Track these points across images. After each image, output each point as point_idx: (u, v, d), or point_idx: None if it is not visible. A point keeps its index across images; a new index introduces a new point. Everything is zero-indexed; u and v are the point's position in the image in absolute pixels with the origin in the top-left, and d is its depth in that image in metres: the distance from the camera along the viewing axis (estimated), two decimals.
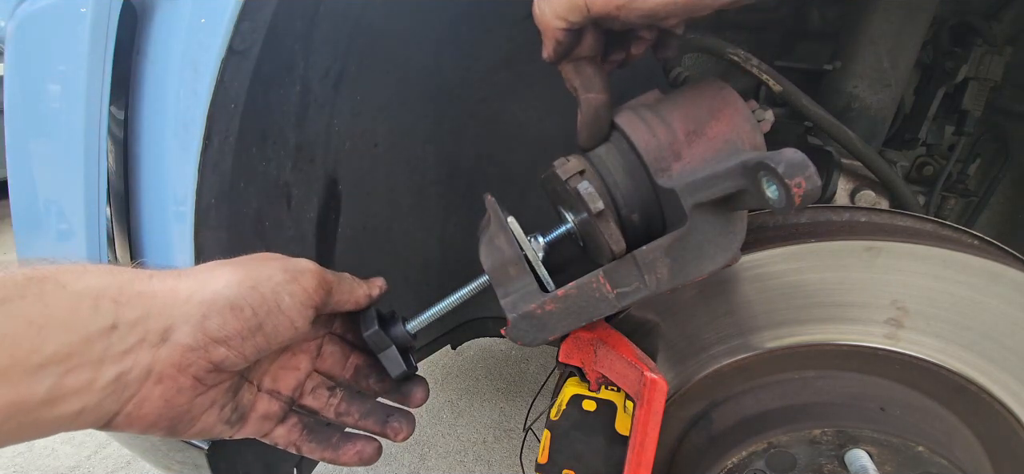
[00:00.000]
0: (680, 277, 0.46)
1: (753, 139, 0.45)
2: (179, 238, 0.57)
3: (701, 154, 0.45)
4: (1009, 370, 0.57)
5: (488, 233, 0.50)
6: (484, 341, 2.26)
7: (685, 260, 0.45)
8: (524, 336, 0.48)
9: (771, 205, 0.35)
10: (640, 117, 0.47)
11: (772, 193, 0.35)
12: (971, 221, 1.02)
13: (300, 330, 0.50)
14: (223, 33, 0.49)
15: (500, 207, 0.53)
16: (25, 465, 1.71)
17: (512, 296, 0.48)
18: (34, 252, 0.73)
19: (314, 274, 0.50)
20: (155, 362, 0.43)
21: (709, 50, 0.72)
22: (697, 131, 0.45)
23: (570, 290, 0.47)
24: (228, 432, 0.52)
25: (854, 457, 0.54)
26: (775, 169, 0.34)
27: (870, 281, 0.56)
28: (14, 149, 0.70)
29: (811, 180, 0.33)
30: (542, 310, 0.47)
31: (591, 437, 0.57)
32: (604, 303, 0.47)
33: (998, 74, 0.88)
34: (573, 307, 0.47)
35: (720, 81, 0.47)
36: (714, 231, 0.44)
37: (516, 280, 0.48)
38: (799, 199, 0.33)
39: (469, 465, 1.76)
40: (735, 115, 0.45)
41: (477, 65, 0.88)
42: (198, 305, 0.44)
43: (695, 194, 0.42)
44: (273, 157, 0.64)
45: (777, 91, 0.70)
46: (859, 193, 0.80)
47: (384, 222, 0.92)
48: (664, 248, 0.45)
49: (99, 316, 0.40)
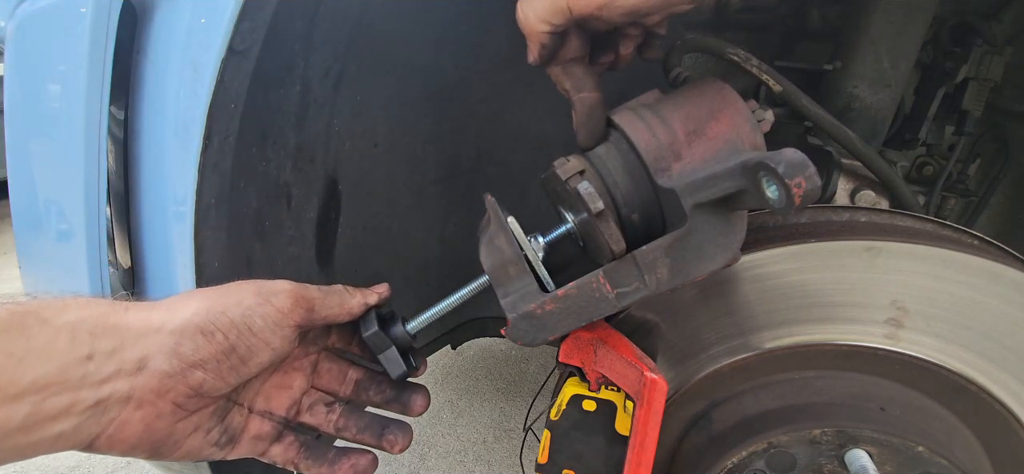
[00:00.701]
0: (680, 277, 0.46)
1: (753, 139, 0.45)
2: (179, 238, 0.57)
3: (701, 154, 0.45)
4: (1009, 370, 0.57)
5: (488, 233, 0.50)
6: (484, 341, 2.26)
7: (685, 260, 0.45)
8: (524, 336, 0.48)
9: (771, 205, 0.36)
10: (640, 117, 0.47)
11: (772, 193, 0.35)
12: (971, 221, 1.02)
13: (278, 350, 0.50)
14: (223, 33, 0.49)
15: (500, 207, 0.53)
16: (25, 465, 1.71)
17: (512, 296, 0.48)
18: (34, 252, 0.73)
19: (289, 294, 0.50)
20: (133, 389, 0.44)
21: (709, 50, 0.71)
22: (697, 131, 0.45)
23: (570, 290, 0.47)
24: (219, 454, 0.52)
25: (854, 457, 0.54)
26: (775, 169, 0.34)
27: (870, 281, 0.56)
28: (14, 149, 0.70)
29: (811, 180, 0.33)
30: (542, 310, 0.47)
31: (591, 437, 0.57)
32: (604, 303, 0.47)
33: (998, 74, 0.88)
34: (573, 307, 0.47)
35: (720, 81, 0.47)
36: (714, 231, 0.44)
37: (516, 280, 0.48)
38: (799, 199, 0.33)
39: (469, 465, 1.76)
40: (735, 115, 0.45)
41: (477, 65, 0.88)
42: (170, 333, 0.45)
43: (695, 194, 0.42)
44: (273, 157, 0.64)
45: (777, 91, 0.70)
46: (859, 193, 0.80)
47: (384, 222, 0.92)
48: (664, 248, 0.45)
49: (76, 346, 0.42)
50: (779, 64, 0.92)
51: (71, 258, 0.63)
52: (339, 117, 0.73)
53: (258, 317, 0.48)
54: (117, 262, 0.64)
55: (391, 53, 0.76)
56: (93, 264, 0.62)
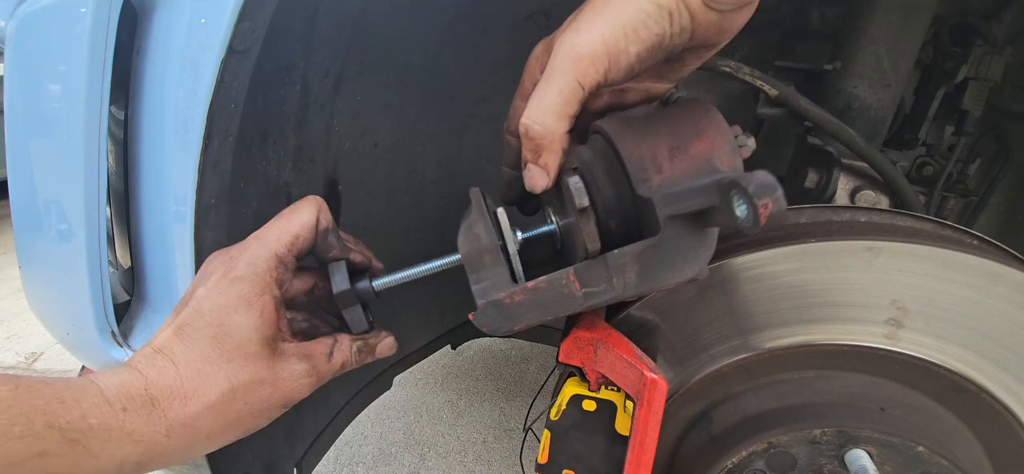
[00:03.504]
0: (647, 284, 0.47)
1: (732, 162, 0.47)
2: (179, 238, 0.57)
3: (681, 169, 0.46)
4: (1009, 370, 0.57)
5: (468, 221, 0.52)
6: (484, 341, 2.26)
7: (653, 268, 0.47)
8: (490, 323, 0.49)
9: (739, 223, 0.37)
10: (629, 128, 0.48)
11: (741, 212, 0.37)
12: (971, 221, 1.02)
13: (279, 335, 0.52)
14: (223, 33, 0.49)
15: (487, 200, 0.54)
16: None
17: (484, 283, 0.49)
18: (34, 252, 0.73)
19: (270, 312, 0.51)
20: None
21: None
22: (680, 147, 0.47)
23: (540, 283, 0.48)
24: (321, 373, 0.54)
25: (854, 457, 0.54)
26: (745, 188, 0.36)
27: (870, 281, 0.56)
28: (14, 149, 0.70)
29: (778, 202, 0.35)
30: (511, 300, 0.48)
31: (591, 437, 0.57)
32: (571, 300, 0.48)
33: (998, 74, 0.88)
34: (541, 300, 0.48)
35: (709, 104, 0.49)
36: (685, 244, 0.46)
37: (489, 268, 0.49)
38: (765, 218, 0.35)
39: (469, 465, 1.76)
40: (718, 137, 0.47)
41: (477, 65, 0.88)
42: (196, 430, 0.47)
43: (670, 206, 0.44)
44: (273, 157, 0.64)
45: (773, 96, 0.71)
46: (859, 193, 0.80)
47: (384, 222, 0.92)
48: (635, 254, 0.46)
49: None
50: (779, 64, 0.92)
51: (71, 258, 0.63)
52: (339, 117, 0.73)
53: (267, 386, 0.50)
54: (117, 262, 0.64)
55: (391, 53, 0.76)
56: (93, 264, 0.62)
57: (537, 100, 0.44)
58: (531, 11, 0.85)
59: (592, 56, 0.41)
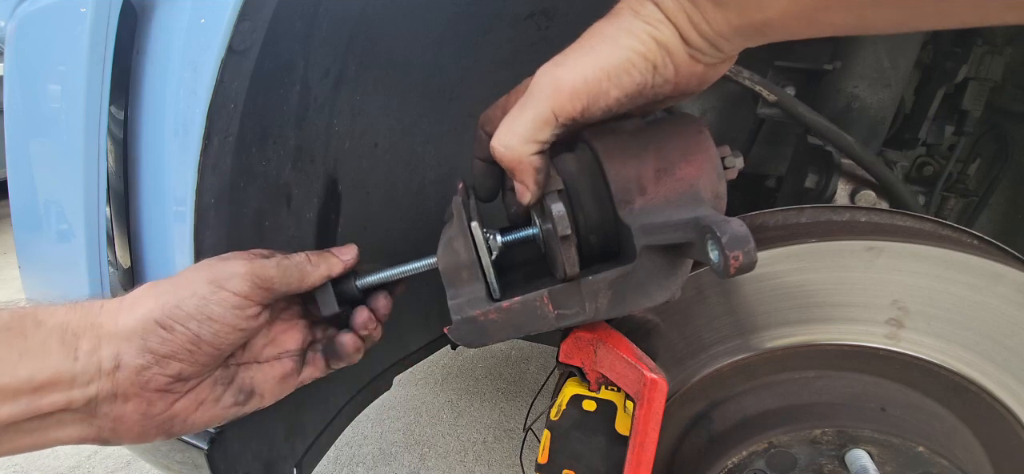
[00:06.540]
0: (618, 309, 0.49)
1: (717, 187, 0.47)
2: (179, 238, 0.56)
3: (664, 193, 0.47)
4: (1009, 370, 0.57)
5: (449, 234, 0.52)
6: None
7: (626, 294, 0.48)
8: (464, 338, 0.50)
9: (710, 265, 0.38)
10: (618, 144, 0.48)
11: (714, 256, 0.38)
12: (971, 221, 1.02)
13: (247, 329, 0.51)
14: (223, 33, 0.49)
15: (466, 206, 0.54)
16: (26, 465, 1.71)
17: (460, 299, 0.50)
18: (34, 252, 0.73)
19: (244, 278, 0.50)
20: (116, 385, 0.46)
21: None
22: (667, 169, 0.47)
23: (514, 304, 0.49)
24: (243, 410, 0.54)
25: (854, 457, 0.54)
26: (719, 238, 0.37)
27: (871, 281, 0.56)
28: (14, 149, 0.70)
29: (748, 255, 0.36)
30: (485, 318, 0.49)
31: (591, 437, 0.57)
32: (544, 321, 0.49)
33: (998, 74, 0.88)
34: (514, 320, 0.49)
35: (701, 123, 0.49)
36: (658, 271, 0.47)
37: (466, 284, 0.50)
38: (734, 270, 0.36)
39: (469, 465, 1.76)
40: (705, 162, 0.47)
41: (477, 65, 0.88)
42: (133, 331, 0.47)
43: (647, 237, 0.44)
44: (273, 157, 0.64)
45: (771, 100, 0.71)
46: (859, 193, 0.80)
47: (384, 222, 0.92)
48: (609, 281, 0.47)
49: (65, 348, 0.44)
50: (779, 64, 0.92)
51: (71, 258, 0.63)
52: (339, 117, 0.73)
53: (214, 305, 0.48)
54: (117, 262, 0.64)
55: (391, 53, 0.76)
56: (93, 264, 0.62)
57: (508, 123, 0.44)
58: (531, 11, 0.85)
59: (571, 91, 0.41)
